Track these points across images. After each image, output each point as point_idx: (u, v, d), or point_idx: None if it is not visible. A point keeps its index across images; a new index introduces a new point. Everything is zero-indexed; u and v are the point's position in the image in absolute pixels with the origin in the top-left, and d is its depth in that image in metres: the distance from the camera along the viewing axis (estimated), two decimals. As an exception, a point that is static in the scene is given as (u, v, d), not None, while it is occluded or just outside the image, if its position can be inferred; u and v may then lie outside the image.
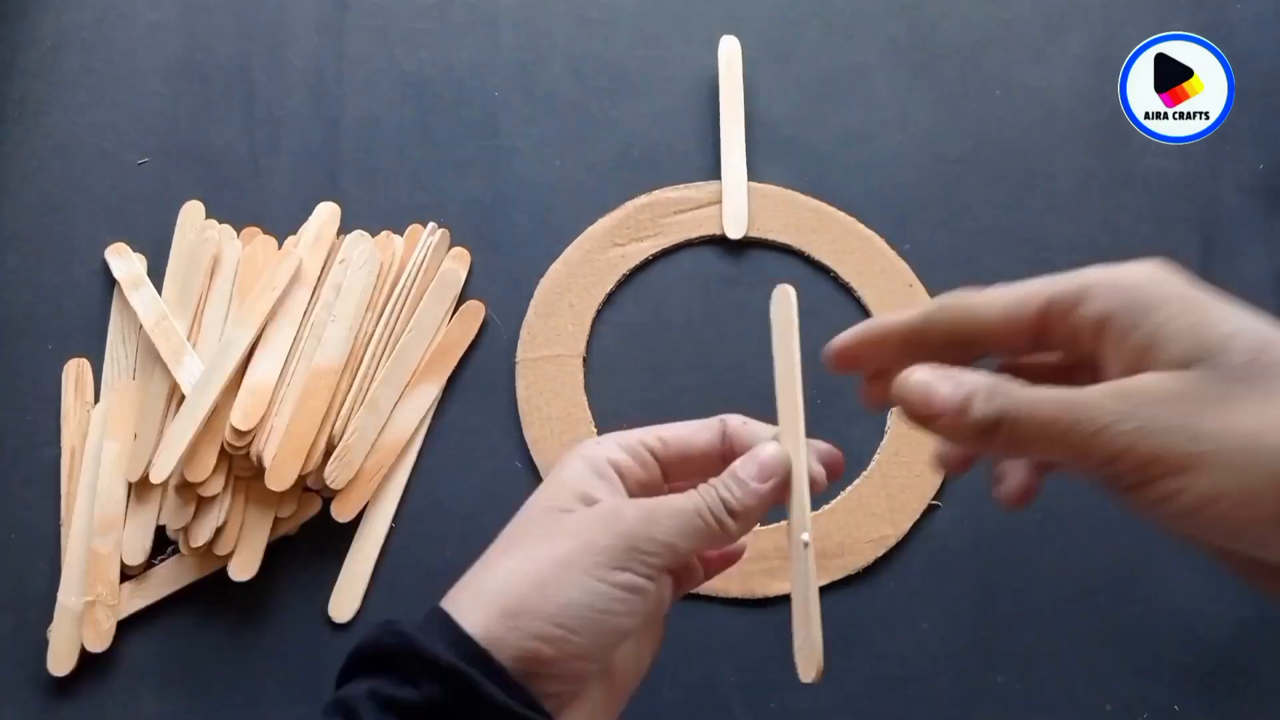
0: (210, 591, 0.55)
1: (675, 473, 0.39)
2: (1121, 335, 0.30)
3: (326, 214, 0.60)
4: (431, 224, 0.60)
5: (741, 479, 0.38)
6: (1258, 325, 0.30)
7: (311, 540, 0.56)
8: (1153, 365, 0.29)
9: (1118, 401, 0.29)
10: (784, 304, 0.42)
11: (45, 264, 0.60)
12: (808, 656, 0.39)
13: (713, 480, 0.38)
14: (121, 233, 0.60)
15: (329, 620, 0.55)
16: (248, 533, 0.55)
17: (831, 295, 0.61)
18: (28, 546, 0.56)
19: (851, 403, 0.58)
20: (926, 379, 0.32)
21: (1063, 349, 0.33)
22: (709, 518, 0.37)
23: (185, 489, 0.54)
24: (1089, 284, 0.32)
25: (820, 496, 0.57)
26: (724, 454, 0.39)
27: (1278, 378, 0.28)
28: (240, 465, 0.55)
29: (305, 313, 0.57)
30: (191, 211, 0.60)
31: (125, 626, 0.55)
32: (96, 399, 0.58)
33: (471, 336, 0.59)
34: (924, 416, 0.32)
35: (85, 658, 0.54)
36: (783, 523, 0.56)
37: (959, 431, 0.31)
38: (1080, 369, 0.32)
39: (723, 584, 0.56)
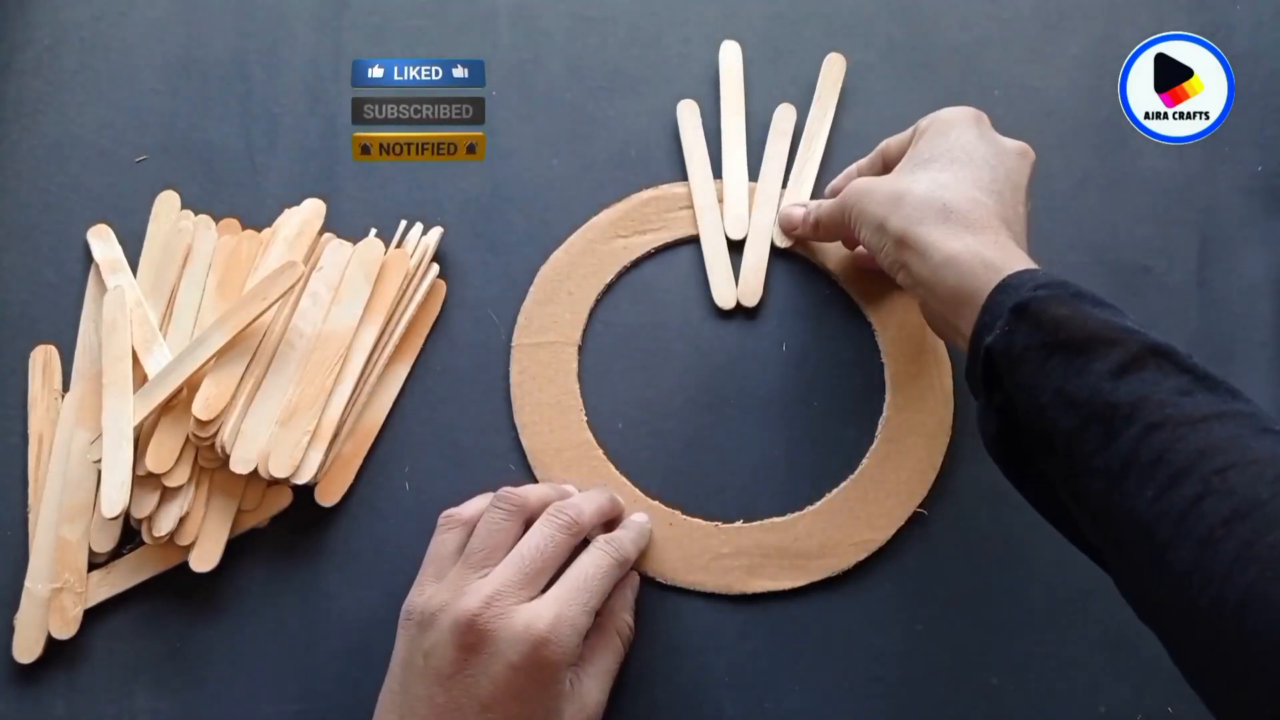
0: (180, 582, 0.55)
1: None
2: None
3: (310, 210, 0.60)
4: (435, 229, 0.60)
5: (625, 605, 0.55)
6: (927, 149, 0.51)
7: (282, 532, 0.57)
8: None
9: (847, 195, 0.53)
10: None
11: (42, 262, 0.60)
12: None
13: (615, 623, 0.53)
14: (119, 230, 0.60)
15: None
16: (210, 524, 0.55)
17: (833, 297, 0.61)
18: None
19: (847, 406, 0.59)
20: (787, 210, 0.60)
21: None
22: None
23: (149, 478, 0.54)
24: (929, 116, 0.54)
25: (805, 498, 0.58)
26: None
27: (900, 173, 0.52)
28: (205, 456, 0.55)
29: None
30: (167, 201, 0.60)
31: (93, 615, 0.55)
32: (66, 387, 0.58)
33: (435, 313, 0.59)
34: (789, 230, 0.60)
35: (52, 645, 0.54)
36: (765, 520, 0.57)
37: (806, 230, 0.59)
38: None
39: (699, 578, 0.56)
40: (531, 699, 0.45)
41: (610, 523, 0.55)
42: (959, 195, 0.48)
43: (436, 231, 0.60)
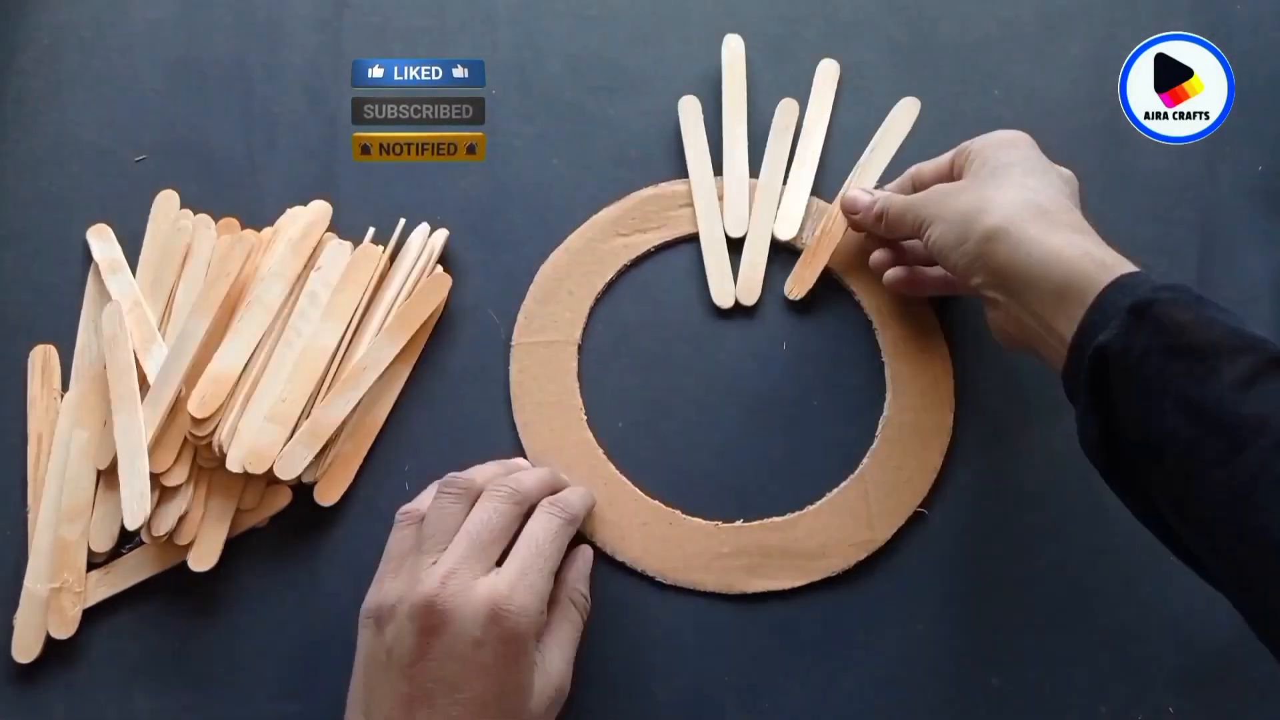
0: (179, 582, 0.55)
1: None
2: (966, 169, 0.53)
3: (316, 212, 0.60)
4: (441, 231, 0.60)
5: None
6: (1003, 157, 0.51)
7: (282, 532, 0.57)
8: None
9: (922, 197, 0.53)
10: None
11: (42, 261, 0.60)
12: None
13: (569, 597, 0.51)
14: (119, 230, 0.60)
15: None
16: (209, 524, 0.55)
17: (832, 296, 0.61)
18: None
19: (847, 406, 0.59)
20: (854, 193, 0.59)
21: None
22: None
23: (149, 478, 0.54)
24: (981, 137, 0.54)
25: (805, 498, 0.58)
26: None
27: (978, 180, 0.51)
28: (203, 455, 0.55)
29: (281, 307, 0.57)
30: (166, 200, 0.60)
31: (92, 615, 0.55)
32: (65, 386, 0.58)
33: (434, 305, 0.59)
34: (851, 213, 0.58)
35: (51, 645, 0.54)
36: (765, 520, 0.57)
37: (867, 219, 0.57)
38: None
39: (699, 578, 0.56)
40: (500, 674, 0.44)
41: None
42: (1051, 200, 0.48)
43: (442, 233, 0.60)
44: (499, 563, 0.47)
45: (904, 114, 0.62)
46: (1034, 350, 0.48)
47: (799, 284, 0.60)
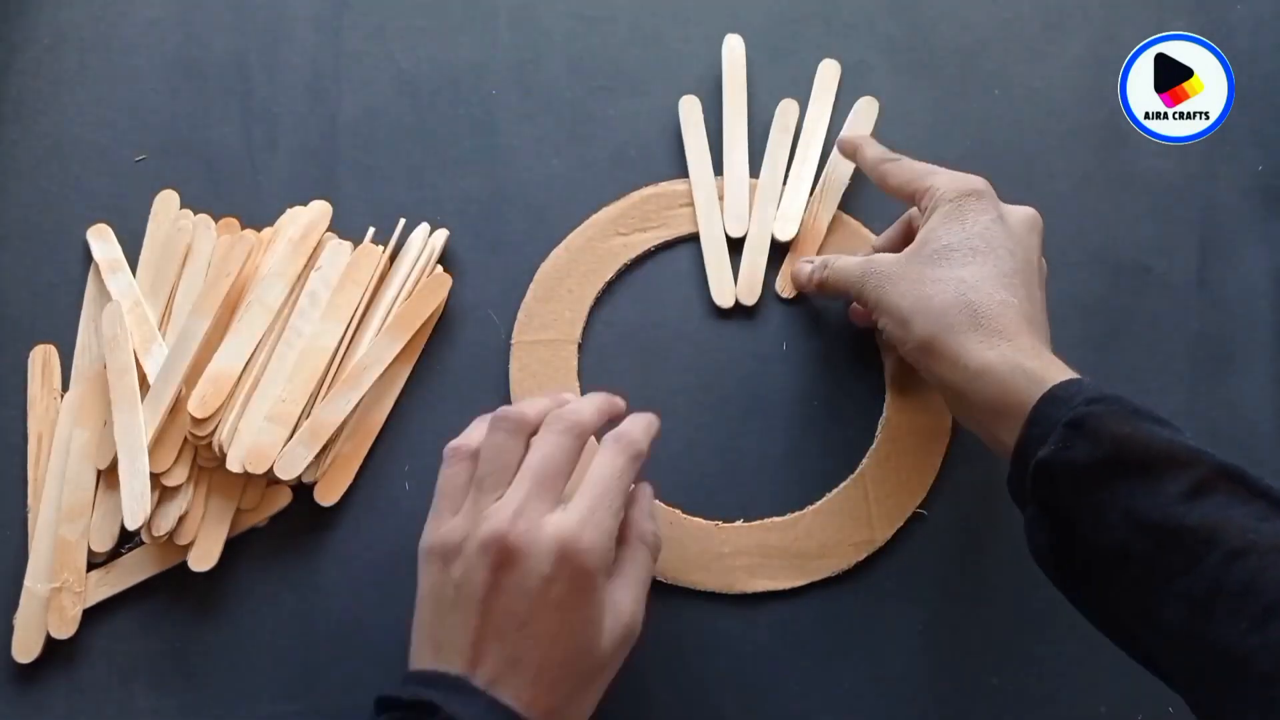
0: (179, 582, 0.55)
1: None
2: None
3: (317, 212, 0.60)
4: (441, 231, 0.60)
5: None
6: (945, 234, 0.50)
7: (282, 532, 0.57)
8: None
9: (862, 273, 0.52)
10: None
11: (42, 262, 0.60)
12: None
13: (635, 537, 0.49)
14: (119, 230, 0.60)
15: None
16: (209, 523, 0.55)
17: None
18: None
19: (847, 406, 0.59)
20: (798, 265, 0.59)
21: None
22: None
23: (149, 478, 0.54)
24: (934, 185, 0.52)
25: (805, 498, 0.58)
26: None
27: (916, 263, 0.50)
28: (203, 455, 0.55)
29: (281, 307, 0.57)
30: (166, 200, 0.60)
31: (92, 615, 0.55)
32: (66, 386, 0.58)
33: (434, 305, 0.58)
34: (797, 287, 0.60)
35: (51, 645, 0.54)
36: (765, 520, 0.56)
37: (811, 287, 0.58)
38: None
39: (699, 578, 0.56)
40: (570, 608, 0.44)
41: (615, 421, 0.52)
42: (987, 297, 0.47)
43: (442, 233, 0.60)
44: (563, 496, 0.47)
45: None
46: (985, 440, 0.49)
47: (789, 282, 0.60)
